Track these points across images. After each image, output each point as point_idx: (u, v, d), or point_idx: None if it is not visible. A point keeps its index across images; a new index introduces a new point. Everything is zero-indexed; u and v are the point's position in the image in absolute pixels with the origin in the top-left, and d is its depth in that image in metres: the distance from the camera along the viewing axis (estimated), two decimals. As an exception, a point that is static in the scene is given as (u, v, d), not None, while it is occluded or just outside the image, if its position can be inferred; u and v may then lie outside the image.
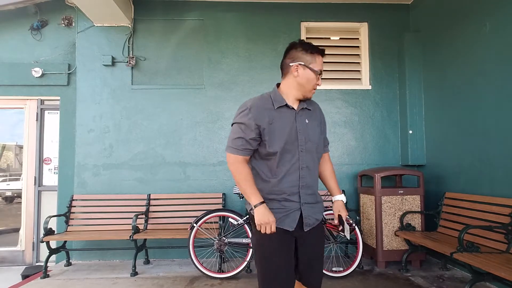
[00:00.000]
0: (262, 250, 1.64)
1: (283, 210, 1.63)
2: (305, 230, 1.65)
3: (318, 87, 1.74)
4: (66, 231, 4.02)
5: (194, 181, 4.36)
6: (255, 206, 1.56)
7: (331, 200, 1.83)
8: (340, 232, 1.75)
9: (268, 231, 1.53)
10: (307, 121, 1.68)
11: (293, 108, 1.67)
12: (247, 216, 3.51)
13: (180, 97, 4.46)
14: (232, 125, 1.68)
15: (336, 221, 1.78)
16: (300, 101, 1.71)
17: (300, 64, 1.64)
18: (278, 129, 1.61)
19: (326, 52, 1.74)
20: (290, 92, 1.67)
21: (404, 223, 3.70)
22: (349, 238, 1.79)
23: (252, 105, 1.62)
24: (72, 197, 4.19)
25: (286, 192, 1.62)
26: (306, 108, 1.72)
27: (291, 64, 1.65)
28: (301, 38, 4.52)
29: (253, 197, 1.57)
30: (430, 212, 3.76)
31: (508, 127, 3.01)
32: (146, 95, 4.45)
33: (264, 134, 1.60)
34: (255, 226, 1.61)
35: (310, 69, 1.63)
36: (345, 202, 1.82)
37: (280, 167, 1.63)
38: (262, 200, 1.58)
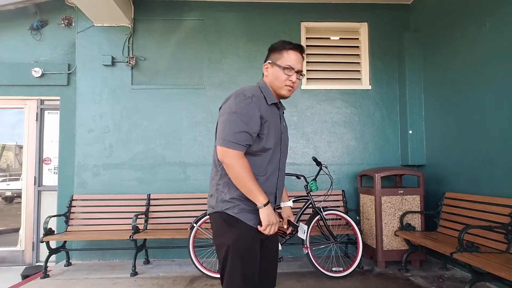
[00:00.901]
0: (241, 250, 1.50)
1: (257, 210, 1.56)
2: None
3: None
4: (66, 231, 4.02)
5: (194, 181, 4.36)
6: (264, 205, 1.46)
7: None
8: (290, 234, 1.76)
9: (272, 232, 1.48)
10: (284, 124, 1.70)
11: (278, 108, 1.66)
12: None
13: (180, 97, 4.46)
14: (224, 114, 1.53)
15: (285, 226, 1.86)
16: (283, 105, 1.74)
17: (269, 63, 1.63)
18: (271, 125, 1.55)
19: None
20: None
21: (404, 223, 3.70)
22: (304, 238, 1.78)
23: (253, 94, 1.52)
24: (72, 197, 4.19)
25: (267, 192, 1.54)
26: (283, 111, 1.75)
27: (263, 65, 1.67)
28: (301, 38, 4.53)
29: (262, 196, 1.46)
30: (430, 212, 3.76)
31: (508, 127, 3.01)
32: (146, 95, 4.45)
33: (264, 127, 1.52)
34: (227, 224, 1.52)
35: (277, 65, 1.59)
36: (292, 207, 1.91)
37: (269, 165, 1.57)
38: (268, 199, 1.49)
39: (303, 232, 1.64)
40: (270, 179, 1.58)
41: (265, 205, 1.46)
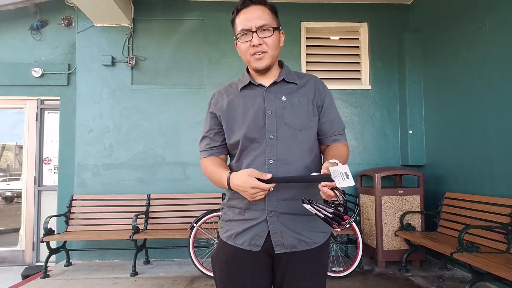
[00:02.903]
0: (214, 267, 1.28)
1: (243, 221, 1.22)
2: (276, 252, 1.18)
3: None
4: (66, 231, 4.02)
5: (194, 181, 4.36)
6: (229, 186, 1.17)
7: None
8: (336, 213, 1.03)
9: (265, 187, 1.08)
10: (284, 99, 1.24)
11: (261, 85, 1.27)
12: None
13: (180, 97, 4.46)
14: None
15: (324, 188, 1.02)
16: (281, 75, 1.29)
17: (235, 41, 1.30)
18: (239, 113, 1.25)
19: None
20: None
21: (404, 223, 3.70)
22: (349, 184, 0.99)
23: (214, 94, 1.37)
24: (72, 197, 4.19)
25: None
26: (288, 81, 1.28)
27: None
28: (301, 38, 4.52)
29: (223, 176, 1.19)
30: (430, 212, 3.76)
31: (508, 127, 3.01)
32: (146, 95, 4.45)
33: (222, 123, 1.29)
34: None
35: (236, 37, 1.28)
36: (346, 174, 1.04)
37: (241, 161, 1.25)
38: (229, 170, 1.22)
39: (342, 177, 0.99)
40: None
41: (229, 178, 1.17)
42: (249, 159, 1.22)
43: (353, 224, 3.59)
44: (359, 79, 4.66)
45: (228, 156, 1.38)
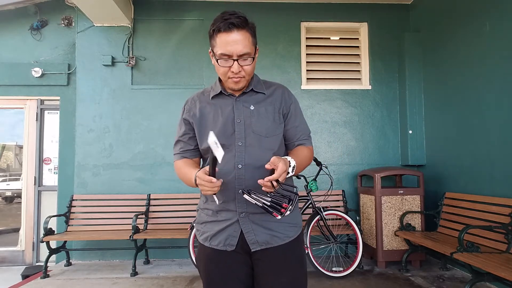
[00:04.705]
0: (200, 270, 1.35)
1: (216, 223, 1.30)
2: (252, 250, 1.26)
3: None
4: (66, 231, 4.02)
5: (194, 181, 4.35)
6: (196, 182, 1.16)
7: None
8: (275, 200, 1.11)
9: (210, 187, 1.09)
10: (252, 108, 1.32)
11: (231, 95, 1.34)
12: None
13: (180, 97, 4.45)
14: None
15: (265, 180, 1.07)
16: (250, 86, 1.35)
17: (210, 51, 1.33)
18: (210, 121, 1.33)
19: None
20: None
21: (404, 223, 3.70)
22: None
23: (187, 100, 1.44)
24: (72, 197, 4.19)
25: (220, 198, 1.26)
26: (257, 91, 1.35)
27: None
28: (301, 38, 4.53)
29: (192, 174, 1.19)
30: (430, 212, 3.76)
31: (508, 127, 3.01)
32: (146, 95, 4.45)
33: (195, 129, 1.35)
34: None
35: (214, 55, 1.29)
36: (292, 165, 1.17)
37: None
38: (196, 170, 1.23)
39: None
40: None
41: (196, 175, 1.15)
42: (220, 165, 1.24)
43: (353, 224, 3.59)
44: (359, 79, 4.66)
45: (201, 159, 1.44)
